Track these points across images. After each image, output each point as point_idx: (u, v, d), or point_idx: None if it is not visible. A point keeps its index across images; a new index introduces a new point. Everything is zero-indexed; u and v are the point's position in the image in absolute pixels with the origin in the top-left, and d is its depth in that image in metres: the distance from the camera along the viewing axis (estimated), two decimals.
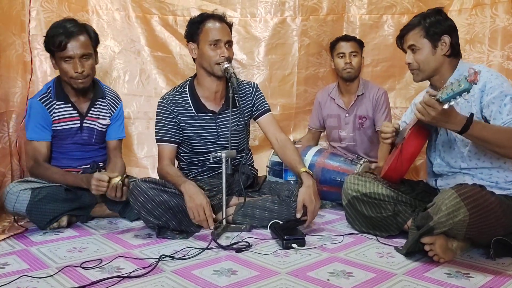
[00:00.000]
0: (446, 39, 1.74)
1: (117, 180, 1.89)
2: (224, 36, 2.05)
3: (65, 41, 1.99)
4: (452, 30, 1.78)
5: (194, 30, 2.07)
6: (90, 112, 2.20)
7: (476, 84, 1.37)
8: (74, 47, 2.01)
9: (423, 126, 1.74)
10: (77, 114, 2.17)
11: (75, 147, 2.19)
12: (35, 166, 2.10)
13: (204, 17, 2.08)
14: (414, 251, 1.60)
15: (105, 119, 2.26)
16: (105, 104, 2.27)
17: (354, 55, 2.71)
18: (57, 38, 1.99)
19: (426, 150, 1.95)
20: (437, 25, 1.75)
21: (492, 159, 1.69)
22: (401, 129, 1.93)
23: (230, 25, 2.13)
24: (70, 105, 2.16)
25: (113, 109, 2.29)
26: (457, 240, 1.58)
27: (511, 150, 1.57)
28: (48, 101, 2.12)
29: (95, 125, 2.22)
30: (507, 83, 1.67)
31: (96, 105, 2.23)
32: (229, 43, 2.08)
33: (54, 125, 2.13)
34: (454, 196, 1.46)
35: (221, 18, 2.08)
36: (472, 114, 1.54)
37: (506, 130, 1.58)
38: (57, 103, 2.13)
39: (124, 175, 1.97)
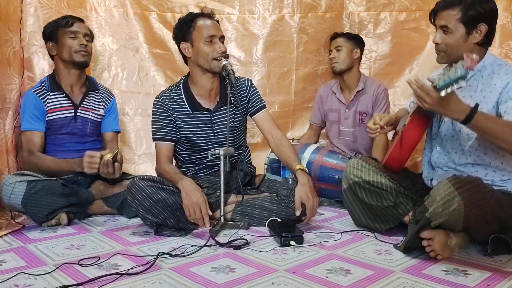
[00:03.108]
0: (483, 27, 1.63)
1: (108, 156, 1.92)
2: (218, 31, 2.07)
3: (72, 20, 2.21)
4: (492, 15, 1.65)
5: (186, 29, 2.07)
6: (84, 102, 2.27)
7: (472, 70, 1.31)
8: (80, 26, 2.23)
9: (424, 113, 1.71)
10: (71, 104, 2.24)
11: (70, 138, 2.21)
12: (28, 156, 2.14)
13: (194, 16, 2.08)
14: (412, 247, 1.60)
15: (99, 110, 2.32)
16: (99, 96, 2.35)
17: (338, 50, 2.74)
18: (64, 19, 2.21)
19: (425, 139, 1.92)
20: (477, 8, 1.61)
21: (491, 158, 1.67)
22: (409, 109, 1.91)
23: (217, 21, 2.14)
24: (64, 95, 2.23)
25: (106, 102, 2.37)
26: (455, 236, 1.58)
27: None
28: (42, 93, 2.20)
29: (89, 115, 2.28)
30: None
31: (89, 96, 2.31)
32: (223, 38, 2.09)
33: (48, 115, 2.18)
34: (448, 186, 1.46)
35: (210, 15, 2.10)
36: (477, 104, 1.49)
37: (510, 124, 1.52)
38: (51, 93, 2.21)
39: (116, 151, 1.99)
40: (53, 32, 2.21)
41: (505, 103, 1.58)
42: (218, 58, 2.03)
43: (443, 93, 1.41)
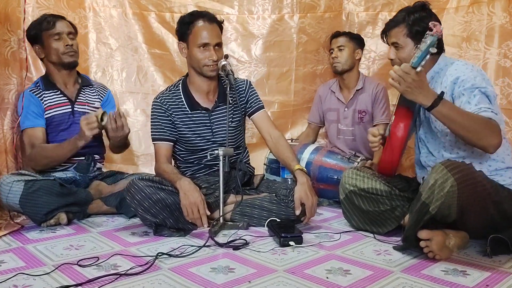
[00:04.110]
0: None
1: (101, 112, 1.96)
2: (213, 39, 2.03)
3: (53, 20, 2.19)
4: None
5: (184, 30, 2.07)
6: (79, 97, 2.30)
7: (440, 35, 1.44)
8: (62, 25, 2.21)
9: (404, 106, 1.77)
10: (67, 100, 2.26)
11: (69, 134, 2.21)
12: (31, 151, 2.13)
13: (194, 17, 2.06)
14: (411, 245, 1.59)
15: (94, 103, 2.33)
16: (93, 91, 2.37)
17: (341, 49, 2.73)
18: (45, 20, 2.19)
19: (414, 140, 1.96)
20: (420, 23, 1.72)
21: (472, 148, 1.69)
22: None
23: (220, 24, 2.11)
24: (59, 92, 2.25)
25: (101, 95, 2.39)
26: (454, 237, 1.58)
27: (477, 135, 1.54)
28: (37, 92, 2.22)
29: (86, 109, 2.29)
30: (480, 77, 1.66)
31: (84, 91, 2.33)
32: (219, 45, 2.06)
33: (46, 112, 2.20)
34: (441, 168, 1.49)
35: (211, 18, 2.07)
36: (442, 92, 1.57)
37: (474, 115, 1.57)
38: (46, 92, 2.23)
39: (117, 109, 2.04)
40: (37, 36, 2.21)
41: (458, 98, 1.65)
42: (209, 65, 2.03)
43: (419, 68, 1.51)
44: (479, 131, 1.55)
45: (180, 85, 2.16)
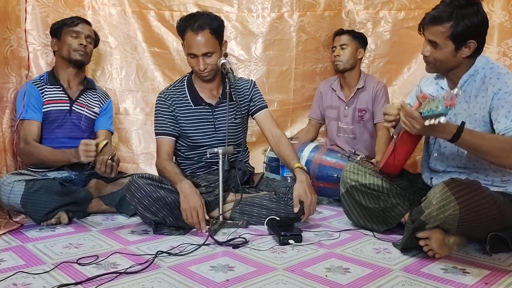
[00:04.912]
0: (472, 44, 1.58)
1: (103, 143, 1.93)
2: (199, 50, 1.98)
3: (78, 21, 2.29)
4: (482, 27, 1.59)
5: (181, 36, 2.08)
6: (80, 98, 2.31)
7: (454, 107, 1.29)
8: (84, 27, 2.30)
9: None
10: (67, 98, 2.27)
11: (63, 132, 2.23)
12: (25, 146, 2.15)
13: (185, 25, 2.01)
14: (410, 247, 1.60)
15: (94, 107, 2.35)
16: (95, 95, 2.39)
17: (343, 48, 2.72)
18: (71, 18, 2.29)
19: (423, 143, 1.92)
20: (466, 22, 1.54)
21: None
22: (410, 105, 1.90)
23: (214, 29, 1.99)
24: (61, 88, 2.27)
25: (102, 102, 2.41)
26: (452, 235, 1.58)
27: (505, 160, 1.50)
28: (40, 84, 2.25)
29: (83, 111, 2.31)
30: None
31: (86, 94, 2.35)
32: (207, 54, 2.00)
33: (44, 106, 2.22)
34: (445, 190, 1.46)
35: (200, 27, 1.97)
36: (463, 123, 1.48)
37: (500, 139, 1.51)
38: (48, 85, 2.25)
39: (113, 152, 1.99)
40: (58, 30, 2.28)
41: (496, 110, 1.57)
42: (199, 72, 2.04)
43: (427, 123, 1.38)
44: (502, 154, 1.48)
45: (185, 80, 2.18)
